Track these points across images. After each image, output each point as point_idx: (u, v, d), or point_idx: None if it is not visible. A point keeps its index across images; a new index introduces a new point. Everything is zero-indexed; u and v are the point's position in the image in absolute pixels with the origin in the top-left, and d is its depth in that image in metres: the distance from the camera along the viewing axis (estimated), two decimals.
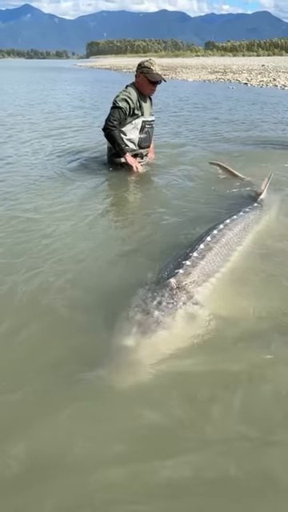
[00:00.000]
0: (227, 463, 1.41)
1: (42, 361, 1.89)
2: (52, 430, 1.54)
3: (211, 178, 4.82)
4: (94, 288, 2.48)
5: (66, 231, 3.34)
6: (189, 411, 1.63)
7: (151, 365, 1.77)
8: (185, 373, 1.81)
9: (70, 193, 4.34)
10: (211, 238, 2.69)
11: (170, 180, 4.80)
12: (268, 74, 27.70)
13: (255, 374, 1.81)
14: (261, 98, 14.45)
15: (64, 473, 1.39)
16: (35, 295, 2.42)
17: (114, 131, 4.69)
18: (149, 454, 1.45)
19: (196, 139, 7.31)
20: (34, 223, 3.50)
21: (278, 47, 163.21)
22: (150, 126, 5.01)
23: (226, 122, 9.38)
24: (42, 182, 4.74)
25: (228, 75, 27.85)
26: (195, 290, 2.20)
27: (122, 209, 4.18)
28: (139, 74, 4.79)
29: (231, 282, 2.43)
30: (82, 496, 1.32)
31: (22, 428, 1.55)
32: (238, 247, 2.77)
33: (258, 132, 8.03)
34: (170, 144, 6.77)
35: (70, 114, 10.81)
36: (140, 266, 2.68)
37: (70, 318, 2.21)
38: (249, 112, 11.06)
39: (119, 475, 1.37)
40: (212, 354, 1.91)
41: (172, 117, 10.18)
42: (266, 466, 1.41)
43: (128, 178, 4.80)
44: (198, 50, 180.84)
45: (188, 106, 12.50)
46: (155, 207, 3.97)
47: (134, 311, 2.01)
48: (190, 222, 3.47)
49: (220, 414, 1.61)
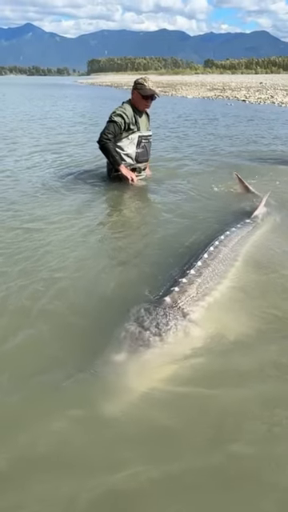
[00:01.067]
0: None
1: (31, 366, 1.91)
2: (39, 435, 1.56)
3: (208, 192, 4.89)
4: (88, 301, 2.48)
5: (63, 243, 3.37)
6: (171, 431, 1.59)
7: (137, 385, 1.75)
8: (171, 393, 1.76)
9: (69, 205, 4.40)
10: (208, 255, 2.69)
11: (167, 194, 4.85)
12: (266, 91, 28.16)
13: (246, 396, 1.76)
14: (259, 115, 14.68)
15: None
16: (28, 303, 2.44)
17: (108, 144, 4.84)
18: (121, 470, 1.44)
19: (194, 154, 7.42)
20: (32, 234, 3.54)
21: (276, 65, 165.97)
22: (147, 140, 5.12)
23: (224, 138, 9.53)
24: (41, 194, 4.81)
25: (227, 92, 28.31)
26: (190, 308, 2.17)
27: (118, 222, 4.20)
28: (133, 90, 4.97)
29: (228, 300, 2.40)
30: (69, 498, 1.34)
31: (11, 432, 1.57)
32: (235, 263, 2.77)
33: (255, 147, 8.15)
34: (169, 158, 6.88)
35: (70, 130, 10.97)
36: (135, 280, 2.69)
37: (60, 328, 2.21)
38: (246, 128, 11.23)
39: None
40: (202, 375, 1.86)
41: (171, 132, 10.34)
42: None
43: (126, 191, 4.86)
44: (197, 67, 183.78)
45: (187, 122, 12.70)
46: (152, 221, 4.01)
47: (125, 329, 1.99)
48: (185, 236, 3.49)
49: (206, 436, 1.57)
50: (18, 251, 3.19)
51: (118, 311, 2.24)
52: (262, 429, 1.61)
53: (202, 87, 37.20)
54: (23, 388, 1.78)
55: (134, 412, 1.65)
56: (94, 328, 2.20)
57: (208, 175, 5.81)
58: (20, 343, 2.10)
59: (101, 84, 59.56)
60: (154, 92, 4.90)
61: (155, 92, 4.92)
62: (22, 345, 2.08)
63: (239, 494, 1.37)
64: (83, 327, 2.22)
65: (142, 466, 1.43)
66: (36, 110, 17.25)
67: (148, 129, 5.17)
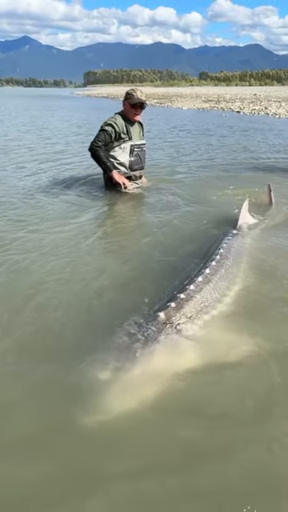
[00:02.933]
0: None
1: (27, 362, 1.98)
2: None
3: (205, 201, 4.97)
4: (82, 312, 2.48)
5: (58, 248, 3.42)
6: (155, 452, 1.57)
7: (122, 401, 1.72)
8: (153, 411, 1.72)
9: (65, 212, 4.46)
10: (210, 271, 2.61)
11: (162, 202, 4.91)
12: (260, 102, 28.56)
13: (235, 421, 1.70)
14: (253, 125, 14.89)
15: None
16: (20, 312, 2.48)
17: (99, 151, 5.00)
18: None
19: (190, 163, 7.53)
20: (29, 243, 3.57)
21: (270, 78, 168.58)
22: (140, 149, 5.22)
23: (219, 147, 9.67)
24: (37, 202, 4.87)
25: (221, 104, 28.67)
26: (185, 325, 2.11)
27: (114, 231, 4.24)
28: (124, 100, 5.14)
29: (226, 319, 2.33)
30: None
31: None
32: (236, 280, 2.72)
33: (250, 156, 8.28)
34: (165, 167, 6.98)
35: (67, 140, 11.09)
36: (130, 291, 2.70)
37: (52, 338, 2.23)
38: (241, 138, 11.40)
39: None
40: (187, 395, 1.81)
41: (167, 142, 10.48)
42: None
43: (122, 199, 4.93)
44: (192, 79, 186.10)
45: (183, 133, 12.86)
46: (148, 230, 4.03)
47: (114, 342, 1.99)
48: (183, 246, 3.52)
49: (179, 457, 1.55)
50: (14, 254, 3.26)
51: (110, 317, 2.29)
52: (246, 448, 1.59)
53: (197, 99, 37.65)
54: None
55: (110, 426, 1.64)
56: (85, 334, 2.22)
57: (204, 183, 5.91)
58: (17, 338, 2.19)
59: (97, 95, 60.09)
60: (141, 100, 5.01)
61: (143, 100, 5.03)
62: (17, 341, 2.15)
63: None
64: (74, 340, 2.21)
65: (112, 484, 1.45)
66: (33, 121, 17.40)
67: (141, 137, 5.28)
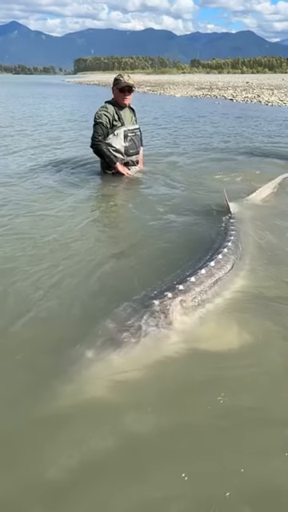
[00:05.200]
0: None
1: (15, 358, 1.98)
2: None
3: (198, 185, 5.08)
4: (81, 296, 2.49)
5: (57, 239, 3.39)
6: (128, 435, 1.57)
7: (101, 381, 1.75)
8: (131, 396, 1.72)
9: (62, 201, 4.44)
10: (215, 264, 2.52)
11: (160, 187, 4.99)
12: (252, 90, 28.55)
13: (205, 412, 1.67)
14: (246, 113, 14.96)
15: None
16: (31, 288, 2.56)
17: (101, 146, 5.07)
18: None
19: (186, 149, 7.62)
20: (24, 231, 3.58)
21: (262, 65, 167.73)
22: (134, 133, 5.27)
23: (213, 134, 9.77)
24: (33, 191, 4.85)
25: (214, 91, 28.61)
26: (177, 317, 2.08)
27: (114, 216, 4.28)
28: (113, 87, 5.19)
29: (223, 314, 2.26)
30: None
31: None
32: (241, 273, 2.62)
33: (243, 143, 8.40)
34: (161, 153, 7.07)
35: (62, 127, 11.09)
36: (129, 276, 2.71)
37: (47, 320, 2.27)
38: (234, 125, 11.48)
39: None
40: (168, 383, 1.81)
41: (162, 129, 10.54)
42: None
43: (120, 185, 5.02)
44: (184, 67, 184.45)
45: (177, 120, 12.90)
46: (145, 215, 4.04)
47: (104, 326, 2.00)
48: (181, 233, 3.52)
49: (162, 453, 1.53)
50: (15, 244, 3.27)
51: (105, 301, 2.34)
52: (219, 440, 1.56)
53: (190, 86, 37.48)
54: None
55: (87, 407, 1.67)
56: (83, 317, 2.26)
57: (200, 168, 6.03)
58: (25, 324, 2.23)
59: (88, 83, 59.55)
60: (128, 84, 5.04)
61: (130, 84, 5.06)
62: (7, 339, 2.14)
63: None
64: (75, 317, 2.28)
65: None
66: (26, 108, 17.27)
67: (133, 122, 5.33)
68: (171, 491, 1.38)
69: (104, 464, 1.46)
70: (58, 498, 1.36)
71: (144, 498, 1.35)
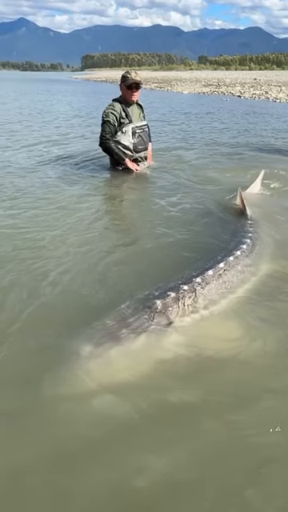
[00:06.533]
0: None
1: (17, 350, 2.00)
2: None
3: (208, 181, 5.08)
4: (83, 290, 2.50)
5: (64, 233, 3.40)
6: (119, 431, 1.57)
7: (95, 378, 1.74)
8: (126, 394, 1.71)
9: (71, 194, 4.50)
10: (225, 265, 2.47)
11: (168, 182, 5.02)
12: (260, 87, 28.40)
13: (199, 412, 1.65)
14: (254, 110, 14.90)
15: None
16: (39, 278, 2.61)
17: (109, 143, 5.11)
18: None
19: (194, 145, 7.64)
20: (32, 224, 3.62)
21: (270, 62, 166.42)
22: (142, 130, 5.30)
23: (222, 130, 9.78)
24: (42, 184, 4.91)
25: (222, 88, 28.50)
26: (179, 317, 2.06)
27: (122, 211, 4.31)
28: (120, 84, 5.21)
29: (225, 317, 2.20)
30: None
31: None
32: (252, 278, 2.54)
33: (251, 138, 8.39)
34: (168, 149, 7.08)
35: (71, 123, 11.13)
36: (135, 273, 2.71)
37: (49, 314, 2.28)
38: (242, 121, 11.46)
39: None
40: (164, 384, 1.79)
41: (171, 126, 10.54)
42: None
43: (129, 180, 5.04)
44: (191, 63, 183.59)
45: (185, 116, 12.89)
46: (155, 211, 4.06)
47: (104, 321, 2.00)
48: (187, 229, 3.50)
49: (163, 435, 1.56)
50: (24, 236, 3.33)
51: (110, 297, 2.35)
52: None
53: (197, 83, 37.34)
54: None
55: (80, 404, 1.66)
56: (82, 311, 2.27)
57: (209, 164, 6.04)
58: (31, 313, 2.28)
59: (96, 79, 59.51)
60: (135, 81, 5.07)
61: (137, 81, 5.09)
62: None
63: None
64: (68, 318, 2.26)
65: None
66: (34, 105, 17.33)
67: (141, 119, 5.36)
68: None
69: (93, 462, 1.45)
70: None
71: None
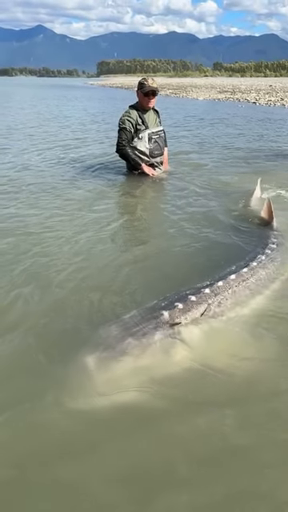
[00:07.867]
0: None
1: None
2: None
3: (225, 188, 5.10)
4: (91, 298, 2.49)
5: (78, 237, 3.44)
6: (123, 445, 1.55)
7: (101, 391, 1.71)
8: (132, 406, 1.68)
9: (85, 200, 4.53)
10: (236, 277, 2.38)
11: (185, 188, 4.99)
12: (276, 93, 28.34)
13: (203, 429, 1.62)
14: (270, 116, 14.90)
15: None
16: (52, 275, 2.69)
17: (126, 149, 5.23)
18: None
19: (210, 151, 7.69)
20: (53, 220, 3.75)
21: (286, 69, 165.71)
22: (158, 135, 5.39)
23: (237, 136, 9.81)
24: (61, 186, 5.07)
25: (237, 94, 28.51)
26: (187, 330, 2.00)
27: (135, 217, 4.28)
28: (137, 90, 5.31)
29: (232, 329, 2.15)
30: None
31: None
32: (264, 291, 2.43)
33: (267, 145, 8.41)
34: (186, 154, 7.15)
35: (88, 128, 11.29)
36: (148, 281, 2.70)
37: (59, 311, 2.32)
38: (258, 128, 11.47)
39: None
40: (165, 398, 1.74)
41: (186, 131, 10.62)
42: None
43: (143, 186, 5.09)
44: (206, 70, 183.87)
45: (200, 122, 12.96)
46: (171, 217, 4.04)
47: (109, 330, 1.98)
48: (204, 237, 3.48)
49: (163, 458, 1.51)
50: (38, 236, 3.41)
51: (120, 305, 2.36)
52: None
53: (212, 89, 37.40)
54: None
55: (83, 413, 1.64)
56: (90, 319, 2.26)
57: (225, 169, 6.10)
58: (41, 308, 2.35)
59: (111, 86, 59.96)
60: (152, 88, 5.15)
61: (154, 88, 5.16)
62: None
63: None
64: (75, 326, 2.23)
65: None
66: (51, 110, 17.62)
67: (157, 124, 5.44)
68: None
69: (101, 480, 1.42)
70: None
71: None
